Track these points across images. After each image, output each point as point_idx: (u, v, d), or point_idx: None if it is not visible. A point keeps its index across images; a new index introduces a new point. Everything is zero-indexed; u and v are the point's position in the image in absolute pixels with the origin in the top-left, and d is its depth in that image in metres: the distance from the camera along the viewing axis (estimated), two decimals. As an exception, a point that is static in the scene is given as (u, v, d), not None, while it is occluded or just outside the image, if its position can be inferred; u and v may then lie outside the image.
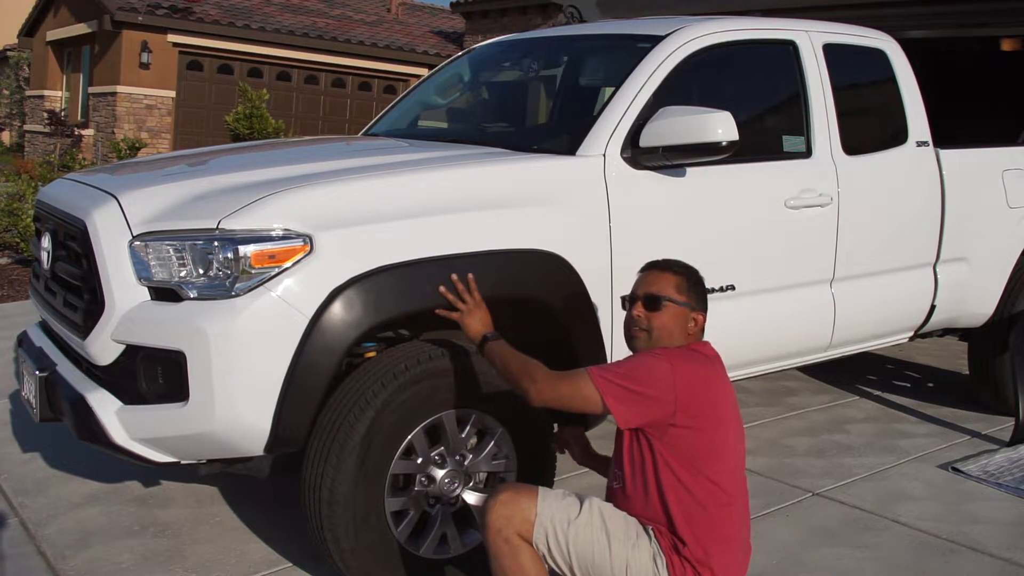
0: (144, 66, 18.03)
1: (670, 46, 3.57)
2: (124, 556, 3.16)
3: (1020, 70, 6.41)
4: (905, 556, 3.36)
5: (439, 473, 2.88)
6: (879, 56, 4.33)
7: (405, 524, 2.85)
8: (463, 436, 2.92)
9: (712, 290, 3.40)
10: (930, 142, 4.37)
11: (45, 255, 3.28)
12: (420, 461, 2.85)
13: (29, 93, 23.41)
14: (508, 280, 2.97)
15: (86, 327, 2.83)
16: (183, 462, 2.84)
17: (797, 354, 4.04)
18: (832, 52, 4.05)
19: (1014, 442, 4.51)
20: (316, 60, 19.84)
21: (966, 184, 4.48)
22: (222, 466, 2.86)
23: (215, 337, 2.58)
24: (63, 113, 19.71)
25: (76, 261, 3.02)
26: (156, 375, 2.71)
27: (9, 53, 25.92)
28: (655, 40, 3.62)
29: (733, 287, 3.58)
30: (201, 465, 2.86)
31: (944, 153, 4.41)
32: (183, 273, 2.68)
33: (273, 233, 2.65)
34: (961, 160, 4.49)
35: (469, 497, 2.90)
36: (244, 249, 2.62)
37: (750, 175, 3.70)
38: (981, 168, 4.63)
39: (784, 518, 3.64)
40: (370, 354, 2.93)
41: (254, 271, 2.62)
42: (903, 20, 5.96)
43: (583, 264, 3.11)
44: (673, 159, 3.30)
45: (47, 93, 21.72)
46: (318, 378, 2.67)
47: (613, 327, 3.18)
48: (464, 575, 2.93)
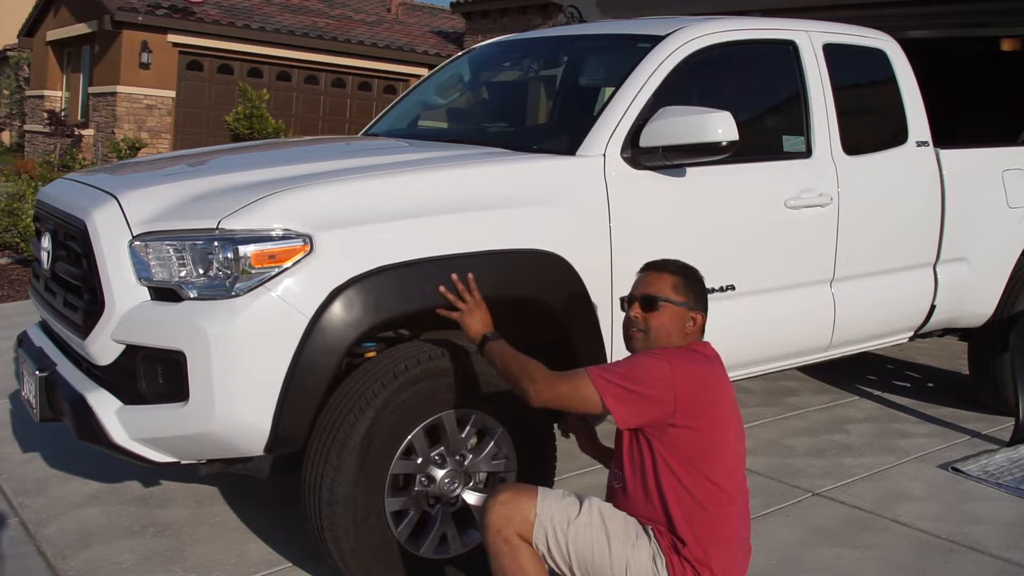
0: (144, 66, 18.03)
1: (670, 46, 3.57)
2: (124, 556, 3.16)
3: (1020, 70, 6.41)
4: (905, 556, 3.36)
5: (439, 473, 2.88)
6: (879, 56, 4.33)
7: (405, 524, 2.85)
8: (463, 436, 2.92)
9: (712, 290, 3.40)
10: (930, 142, 4.37)
11: (45, 255, 3.28)
12: (420, 461, 2.85)
13: (29, 93, 23.42)
14: (508, 280, 2.97)
15: (86, 327, 2.83)
16: (183, 462, 2.84)
17: (797, 354, 4.04)
18: (832, 52, 4.05)
19: (1014, 442, 4.51)
20: (316, 60, 19.84)
21: (966, 184, 4.48)
22: (222, 466, 2.86)
23: (215, 337, 2.58)
24: (63, 113, 19.71)
25: (76, 261, 3.02)
26: (156, 375, 2.71)
27: (9, 53, 25.92)
28: (655, 40, 3.62)
29: (733, 287, 3.58)
30: (201, 465, 2.86)
31: (944, 153, 4.41)
32: (183, 273, 2.68)
33: (273, 233, 2.65)
34: (961, 160, 4.49)
35: (469, 497, 2.90)
36: (244, 249, 2.62)
37: (750, 175, 3.70)
38: (981, 168, 4.63)
39: (784, 518, 3.64)
40: (370, 354, 2.93)
41: (254, 271, 2.62)
42: (903, 20, 5.97)
43: (583, 264, 3.11)
44: (673, 159, 3.30)
45: (47, 93, 21.72)
46: (318, 378, 2.67)
47: (613, 327, 3.18)
48: (464, 575, 2.93)
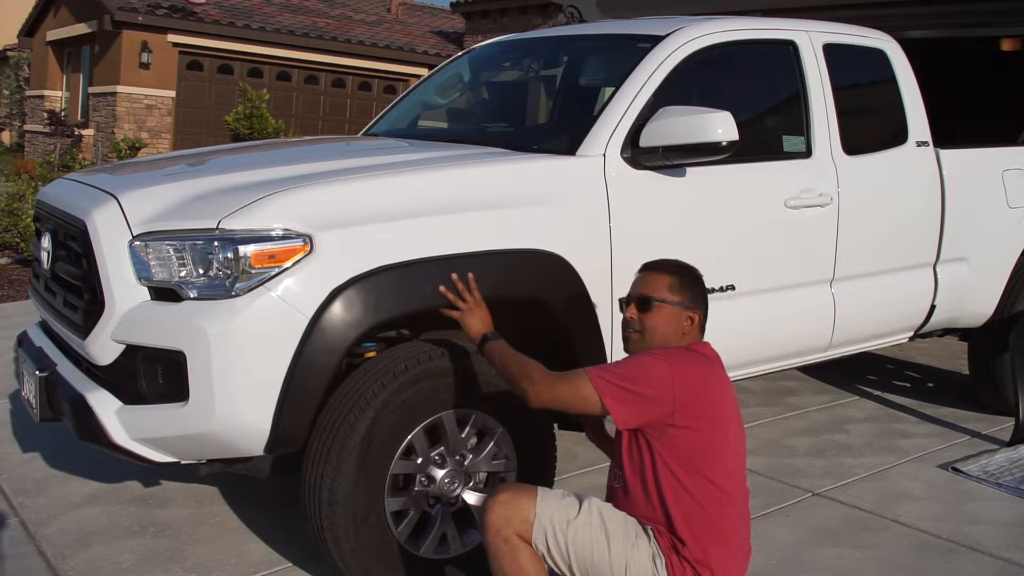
0: (144, 66, 18.03)
1: (670, 46, 3.57)
2: (124, 556, 3.16)
3: (1020, 70, 6.40)
4: (905, 556, 3.36)
5: (439, 473, 2.88)
6: (879, 56, 4.33)
7: (405, 524, 2.85)
8: (463, 436, 2.92)
9: (712, 290, 3.40)
10: (930, 142, 4.37)
11: (45, 255, 3.28)
12: (420, 461, 2.85)
13: (29, 93, 23.42)
14: (508, 280, 2.97)
15: (86, 327, 2.83)
16: (183, 462, 2.84)
17: (797, 354, 4.04)
18: (832, 52, 4.05)
19: (1014, 442, 4.51)
20: (316, 60, 19.84)
21: (966, 184, 4.48)
22: (222, 466, 2.86)
23: (215, 337, 2.58)
24: (63, 113, 19.71)
25: (76, 261, 3.02)
26: (156, 375, 2.71)
27: (9, 53, 25.92)
28: (655, 40, 3.62)
29: (733, 287, 3.58)
30: (201, 465, 2.86)
31: (944, 153, 4.41)
32: (183, 273, 2.68)
33: (273, 233, 2.65)
34: (961, 160, 4.49)
35: (469, 497, 2.90)
36: (244, 249, 2.62)
37: (750, 175, 3.70)
38: (981, 168, 4.63)
39: (784, 518, 3.64)
40: (370, 354, 2.93)
41: (254, 271, 2.62)
42: (903, 20, 5.96)
43: (583, 264, 3.11)
44: (673, 159, 3.30)
45: (47, 93, 21.72)
46: (318, 378, 2.67)
47: (613, 327, 3.18)
48: (464, 575, 2.93)
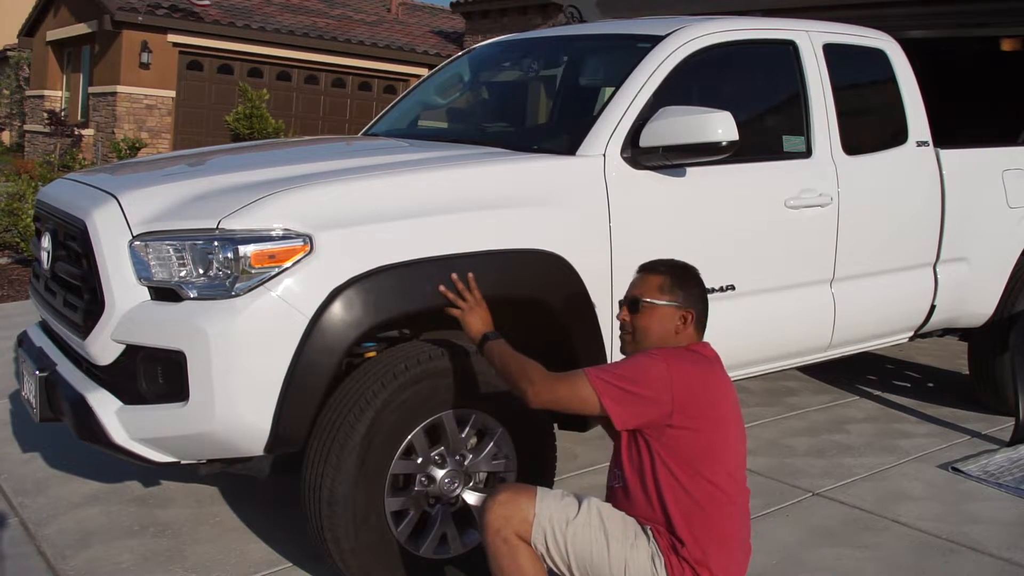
0: (144, 66, 18.03)
1: (670, 46, 3.57)
2: (124, 556, 3.16)
3: (1020, 70, 6.41)
4: (905, 556, 3.36)
5: (439, 473, 2.88)
6: (879, 56, 4.33)
7: (405, 524, 2.85)
8: (463, 436, 2.92)
9: (712, 290, 3.40)
10: (930, 142, 4.37)
11: (45, 255, 3.28)
12: (420, 461, 2.85)
13: (29, 93, 23.42)
14: (508, 280, 2.97)
15: (86, 327, 2.83)
16: (183, 462, 2.84)
17: (797, 354, 4.04)
18: (832, 52, 4.05)
19: (1014, 442, 4.51)
20: (316, 60, 19.84)
21: (966, 184, 4.48)
22: (222, 466, 2.86)
23: (215, 337, 2.58)
24: (63, 113, 19.70)
25: (76, 261, 3.02)
26: (156, 375, 2.71)
27: (9, 53, 25.92)
28: (655, 40, 3.62)
29: (733, 287, 3.58)
30: (201, 465, 2.86)
31: (944, 153, 4.41)
32: (183, 273, 2.68)
33: (273, 233, 2.65)
34: (961, 160, 4.49)
35: (469, 497, 2.90)
36: (244, 249, 2.61)
37: (750, 175, 3.70)
38: (981, 168, 4.63)
39: (784, 518, 3.64)
40: (370, 354, 2.93)
41: (254, 271, 2.62)
42: (903, 20, 5.97)
43: (583, 264, 3.11)
44: (673, 159, 3.30)
45: (47, 93, 21.72)
46: (318, 378, 2.67)
47: (613, 327, 3.18)
48: (464, 575, 2.93)
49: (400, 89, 20.45)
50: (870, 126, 4.37)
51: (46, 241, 3.28)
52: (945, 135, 4.53)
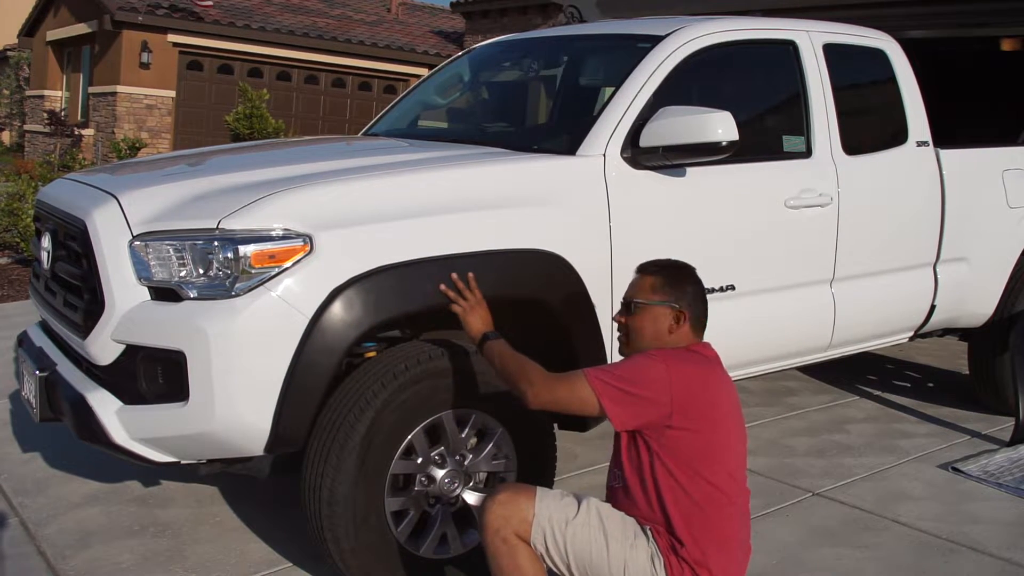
0: (144, 66, 18.03)
1: (670, 46, 3.57)
2: (124, 556, 3.16)
3: (1020, 70, 6.40)
4: (905, 556, 3.36)
5: (439, 473, 2.88)
6: (879, 56, 4.33)
7: (405, 524, 2.85)
8: (463, 436, 2.92)
9: (712, 290, 3.41)
10: (930, 142, 4.37)
11: (45, 255, 3.28)
12: (420, 461, 2.85)
13: (29, 93, 23.42)
14: (508, 280, 2.97)
15: (86, 327, 2.83)
16: (183, 462, 2.84)
17: (797, 354, 4.04)
18: (832, 52, 4.05)
19: (1014, 442, 4.51)
20: (316, 60, 19.84)
21: (966, 184, 4.48)
22: (222, 466, 2.86)
23: (215, 337, 2.58)
24: (63, 113, 19.71)
25: (76, 261, 3.02)
26: (156, 375, 2.71)
27: (9, 53, 25.92)
28: (655, 40, 3.62)
29: (733, 287, 3.58)
30: (201, 465, 2.87)
31: (944, 153, 4.41)
32: (183, 273, 2.68)
33: (273, 233, 2.65)
34: (961, 160, 4.49)
35: (469, 497, 2.90)
36: (244, 249, 2.62)
37: (750, 175, 3.70)
38: (981, 168, 4.63)
39: (784, 518, 3.64)
40: (370, 354, 2.93)
41: (254, 271, 2.62)
42: (903, 20, 5.96)
43: (583, 264, 3.11)
44: (673, 159, 3.30)
45: (47, 93, 21.72)
46: (318, 378, 2.67)
47: (613, 327, 3.18)
48: (464, 575, 2.93)
49: (400, 89, 20.45)
50: (870, 126, 4.37)
51: (46, 241, 3.28)
52: (945, 135, 4.53)
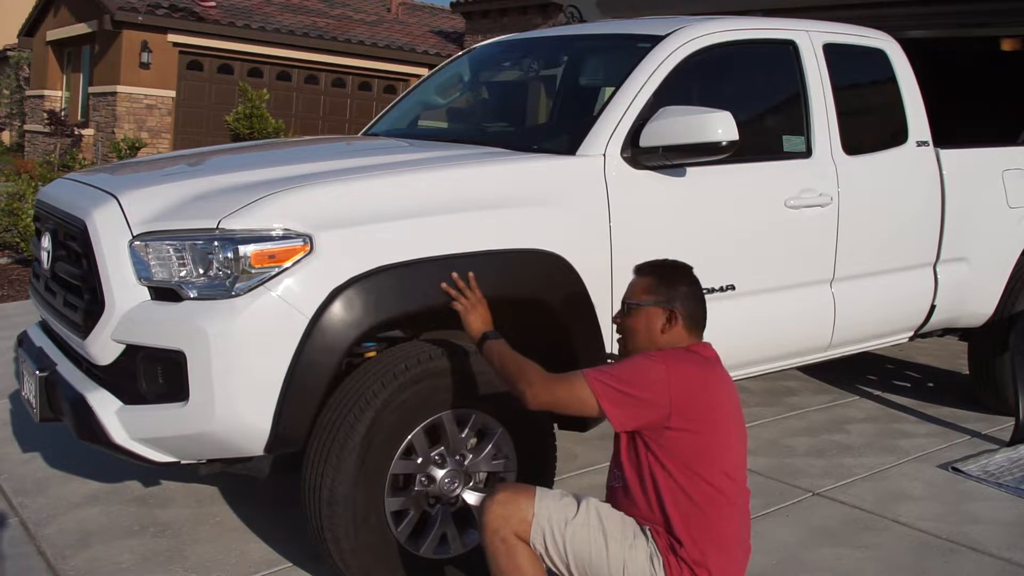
0: (144, 66, 18.03)
1: (670, 46, 3.57)
2: (124, 556, 3.16)
3: (1020, 70, 6.41)
4: (905, 556, 3.36)
5: (439, 473, 2.88)
6: (879, 56, 4.33)
7: (405, 524, 2.85)
8: (463, 436, 2.92)
9: (712, 290, 3.41)
10: (930, 142, 4.37)
11: (45, 255, 3.28)
12: (420, 461, 2.85)
13: (29, 93, 23.42)
14: (508, 280, 2.97)
15: (86, 327, 2.83)
16: (183, 462, 2.84)
17: (797, 354, 4.04)
18: (832, 52, 4.05)
19: (1014, 442, 4.51)
20: (316, 60, 19.84)
21: (966, 184, 4.48)
22: (222, 466, 2.86)
23: (215, 337, 2.58)
24: (63, 113, 19.71)
25: (76, 261, 3.02)
26: (156, 375, 2.71)
27: (9, 53, 25.92)
28: (655, 40, 3.62)
29: (733, 287, 3.58)
30: (201, 465, 2.87)
31: (944, 153, 4.41)
32: (183, 273, 2.68)
33: (273, 233, 2.65)
34: (961, 160, 4.49)
35: (469, 497, 2.90)
36: (244, 249, 2.62)
37: (750, 175, 3.70)
38: (981, 168, 4.63)
39: (784, 518, 3.64)
40: (370, 354, 2.93)
41: (254, 271, 2.62)
42: (903, 20, 5.97)
43: (583, 264, 3.11)
44: (673, 159, 3.30)
45: (47, 93, 21.72)
46: (318, 378, 2.67)
47: (613, 327, 3.18)
48: (464, 575, 2.93)
49: (400, 89, 20.45)
50: (870, 126, 4.37)
51: (46, 241, 3.28)
52: (945, 135, 4.53)
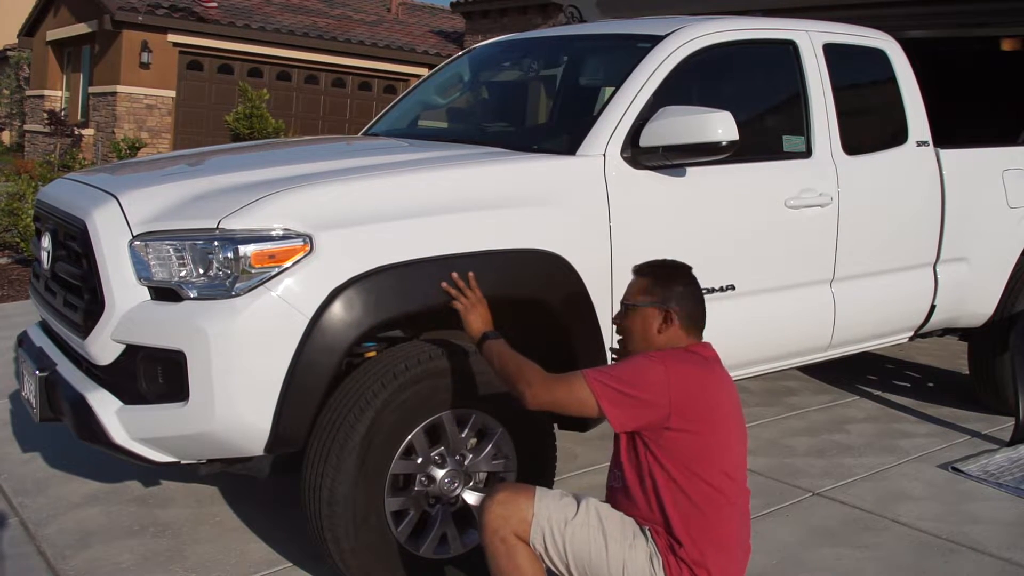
0: (144, 66, 18.03)
1: (670, 46, 3.57)
2: (124, 556, 3.16)
3: (1020, 70, 6.41)
4: (905, 556, 3.36)
5: (439, 473, 2.88)
6: (879, 56, 4.33)
7: (405, 524, 2.85)
8: (463, 436, 2.92)
9: (712, 290, 3.41)
10: (930, 142, 4.37)
11: (45, 255, 3.28)
12: (420, 461, 2.85)
13: (29, 93, 23.42)
14: (508, 280, 2.97)
15: (86, 327, 2.83)
16: (183, 462, 2.84)
17: (797, 354, 4.04)
18: (832, 52, 4.05)
19: (1014, 442, 4.51)
20: (316, 60, 19.83)
21: (966, 184, 4.48)
22: (222, 466, 2.86)
23: (215, 337, 2.58)
24: (63, 113, 19.70)
25: (76, 261, 3.02)
26: (156, 375, 2.71)
27: (9, 53, 25.92)
28: (655, 40, 3.62)
29: (733, 287, 3.58)
30: (201, 465, 2.87)
31: (944, 153, 4.41)
32: (183, 273, 2.68)
33: (273, 233, 2.65)
34: (961, 160, 4.49)
35: (469, 497, 2.90)
36: (244, 249, 2.62)
37: (750, 175, 3.70)
38: (981, 168, 4.63)
39: (784, 518, 3.64)
40: (370, 354, 2.93)
41: (254, 271, 2.62)
42: (903, 20, 5.97)
43: (583, 264, 3.11)
44: (673, 159, 3.30)
45: (47, 93, 21.72)
46: (318, 378, 2.67)
47: (613, 327, 3.18)
48: (464, 575, 2.93)
49: (400, 89, 20.45)
50: (870, 126, 4.37)
51: (46, 241, 3.28)
52: (945, 135, 4.53)
